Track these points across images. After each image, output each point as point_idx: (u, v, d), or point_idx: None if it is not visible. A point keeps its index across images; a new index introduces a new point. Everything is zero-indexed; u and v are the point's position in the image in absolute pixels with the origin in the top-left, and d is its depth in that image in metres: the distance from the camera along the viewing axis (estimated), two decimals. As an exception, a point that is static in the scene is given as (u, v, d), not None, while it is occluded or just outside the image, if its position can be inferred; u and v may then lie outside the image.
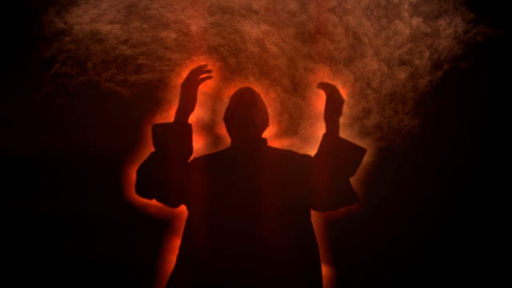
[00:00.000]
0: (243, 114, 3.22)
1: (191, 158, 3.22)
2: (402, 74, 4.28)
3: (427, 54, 4.28)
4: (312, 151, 3.22)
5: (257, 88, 3.41)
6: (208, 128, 4.01)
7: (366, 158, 3.20)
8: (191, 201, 3.17)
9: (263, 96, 3.35)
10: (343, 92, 3.18)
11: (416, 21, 4.31)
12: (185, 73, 3.21)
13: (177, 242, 3.22)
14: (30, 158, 4.14)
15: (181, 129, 3.17)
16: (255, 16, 4.30)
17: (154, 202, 3.21)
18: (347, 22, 4.33)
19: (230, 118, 3.27)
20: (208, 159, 3.26)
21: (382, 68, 4.29)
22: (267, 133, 3.33)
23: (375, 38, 4.32)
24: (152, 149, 3.19)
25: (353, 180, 3.18)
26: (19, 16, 4.26)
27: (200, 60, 4.17)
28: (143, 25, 4.24)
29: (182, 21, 4.25)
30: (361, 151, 3.17)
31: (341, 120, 3.16)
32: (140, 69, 4.22)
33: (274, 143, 3.43)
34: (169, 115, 3.26)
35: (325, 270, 3.19)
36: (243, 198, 3.09)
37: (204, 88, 3.39)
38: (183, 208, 3.22)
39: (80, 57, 4.24)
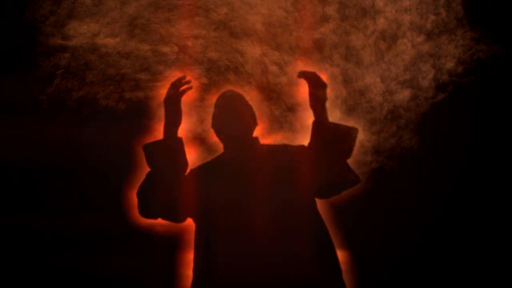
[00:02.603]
0: (230, 118, 3.20)
1: (188, 170, 3.20)
2: (404, 94, 4.25)
3: (430, 73, 4.27)
4: (305, 141, 3.20)
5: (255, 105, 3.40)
6: (199, 138, 4.04)
7: (360, 137, 3.23)
8: (196, 213, 3.15)
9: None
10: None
11: (419, 41, 4.30)
12: (165, 88, 3.21)
13: (190, 256, 3.19)
14: (33, 173, 4.18)
15: (172, 144, 3.15)
16: (256, 35, 4.30)
17: (160, 221, 3.19)
18: (349, 42, 4.32)
19: (217, 124, 3.24)
20: (204, 169, 3.25)
21: (384, 87, 4.27)
22: (258, 131, 3.31)
23: (378, 59, 4.30)
24: (147, 169, 3.16)
25: (350, 162, 3.16)
26: (20, 31, 4.28)
27: (199, 76, 4.18)
28: (144, 39, 4.25)
29: (183, 37, 4.25)
30: (353, 131, 3.15)
31: (327, 104, 3.14)
32: (138, 86, 4.21)
33: (267, 140, 3.44)
34: (159, 133, 3.23)
35: (341, 255, 3.17)
36: (246, 198, 3.07)
37: (188, 99, 3.37)
38: (189, 221, 3.21)
39: (79, 72, 4.25)
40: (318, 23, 4.33)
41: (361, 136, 4.05)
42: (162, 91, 4.09)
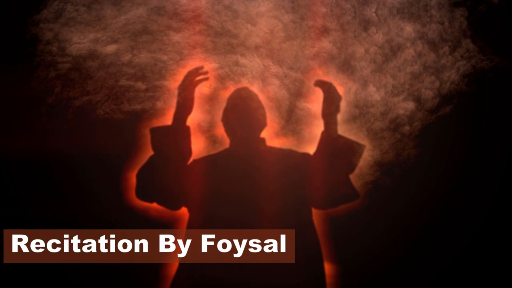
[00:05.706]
0: (240, 115, 3.23)
1: (190, 160, 3.21)
2: (406, 105, 4.24)
3: (433, 84, 4.26)
4: (311, 149, 3.23)
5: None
6: (206, 130, 4.01)
7: (365, 155, 3.24)
8: (192, 203, 3.16)
9: None
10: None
11: (422, 51, 4.30)
12: (181, 76, 3.23)
13: (179, 245, 3.22)
14: (30, 164, 4.17)
15: (180, 131, 3.16)
16: (256, 47, 4.31)
17: (155, 205, 3.21)
18: (349, 54, 4.32)
19: (227, 119, 3.28)
20: (207, 161, 3.26)
21: (385, 99, 4.25)
22: (265, 133, 3.33)
23: (379, 71, 4.30)
24: (151, 152, 3.18)
25: (352, 177, 3.18)
26: (20, 40, 4.26)
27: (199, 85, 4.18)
28: (144, 47, 4.24)
29: (183, 46, 4.24)
30: (360, 147, 3.18)
31: (339, 117, 3.16)
32: (137, 95, 4.19)
33: (273, 143, 3.45)
34: (167, 118, 3.26)
35: (328, 268, 3.18)
36: (244, 198, 3.09)
37: (201, 90, 3.36)
38: (184, 211, 3.22)
39: (79, 81, 4.22)
40: (318, 35, 4.34)
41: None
42: (161, 100, 4.14)
